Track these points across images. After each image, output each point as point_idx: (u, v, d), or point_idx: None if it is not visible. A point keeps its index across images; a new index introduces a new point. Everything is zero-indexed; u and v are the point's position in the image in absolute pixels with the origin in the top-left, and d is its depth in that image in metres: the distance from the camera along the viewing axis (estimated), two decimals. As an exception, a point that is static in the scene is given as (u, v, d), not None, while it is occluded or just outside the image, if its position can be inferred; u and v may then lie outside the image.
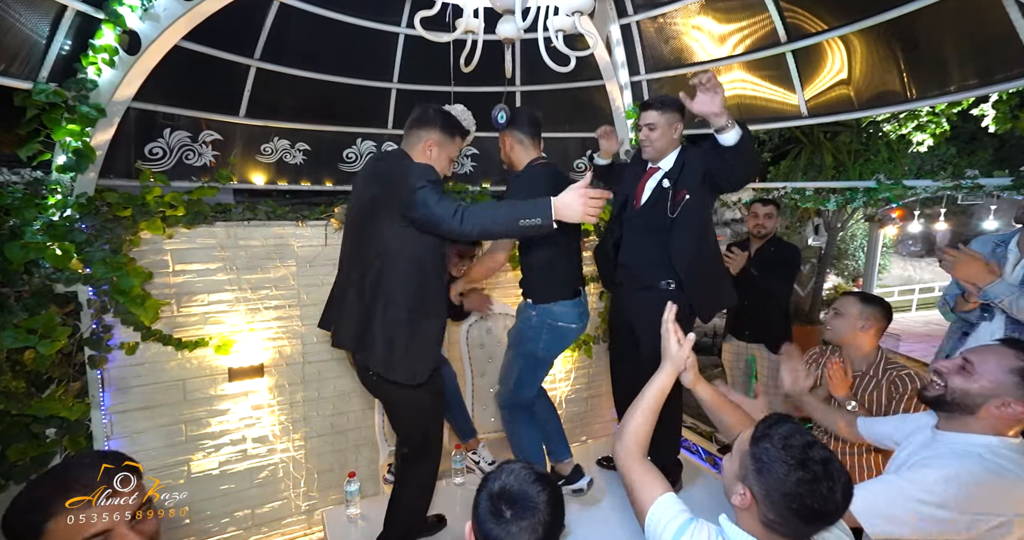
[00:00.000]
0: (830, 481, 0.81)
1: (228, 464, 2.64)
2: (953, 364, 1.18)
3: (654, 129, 1.99)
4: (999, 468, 1.08)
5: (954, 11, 2.11)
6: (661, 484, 1.02)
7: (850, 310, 1.81)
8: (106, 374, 2.31)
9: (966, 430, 1.15)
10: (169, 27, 2.09)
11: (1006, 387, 1.10)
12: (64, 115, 1.99)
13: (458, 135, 1.70)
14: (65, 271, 2.05)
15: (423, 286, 1.60)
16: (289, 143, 2.97)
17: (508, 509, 0.89)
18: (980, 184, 2.37)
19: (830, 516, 0.83)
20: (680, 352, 1.21)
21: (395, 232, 1.53)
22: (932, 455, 1.15)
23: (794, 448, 0.84)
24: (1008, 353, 1.13)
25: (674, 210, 1.96)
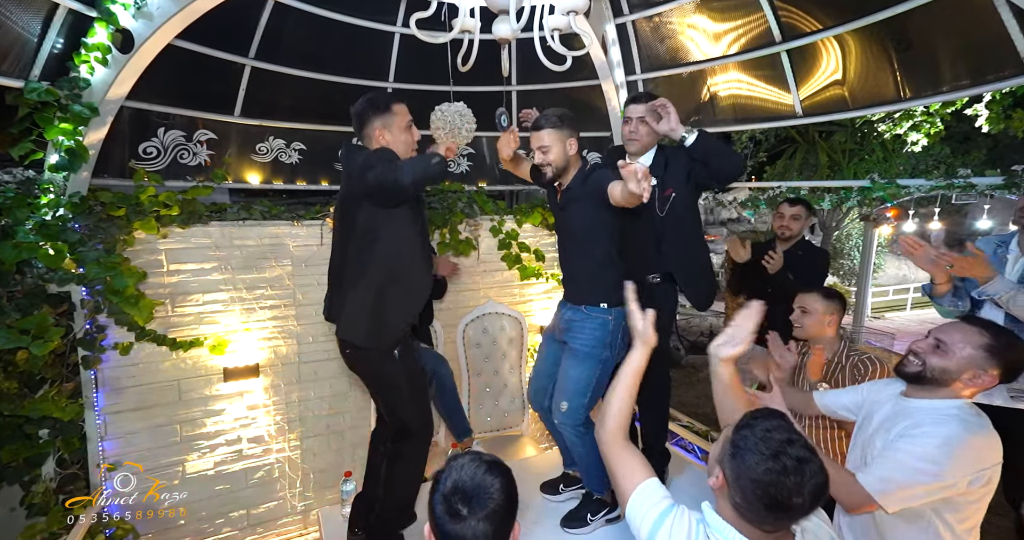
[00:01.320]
0: (798, 477, 0.83)
1: (223, 464, 2.63)
2: (927, 344, 1.30)
3: (645, 123, 2.01)
4: (975, 426, 1.23)
5: (947, 11, 2.13)
6: (644, 470, 1.03)
7: (816, 307, 1.91)
8: (100, 374, 2.30)
9: (935, 396, 1.29)
10: (162, 26, 2.08)
11: (976, 361, 1.24)
12: (57, 114, 1.98)
13: (392, 104, 1.71)
14: (58, 271, 2.04)
15: (399, 260, 1.69)
16: (285, 143, 2.96)
17: (464, 506, 0.88)
18: (972, 183, 2.39)
19: (793, 510, 0.85)
20: (646, 328, 1.22)
21: (368, 216, 1.65)
22: (916, 423, 1.26)
23: (772, 441, 0.87)
24: (972, 330, 1.26)
25: (663, 208, 1.98)
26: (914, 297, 11.91)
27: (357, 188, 1.62)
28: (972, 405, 1.30)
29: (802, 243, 2.80)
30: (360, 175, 1.57)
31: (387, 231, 1.66)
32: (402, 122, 1.72)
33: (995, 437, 1.25)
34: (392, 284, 1.69)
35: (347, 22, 2.85)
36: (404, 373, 1.79)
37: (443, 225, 3.01)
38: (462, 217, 3.06)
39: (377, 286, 1.67)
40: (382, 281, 1.68)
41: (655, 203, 1.99)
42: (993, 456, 1.23)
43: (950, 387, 1.27)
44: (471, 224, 3.12)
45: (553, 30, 1.55)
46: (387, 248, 1.67)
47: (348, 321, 1.70)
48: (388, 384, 1.80)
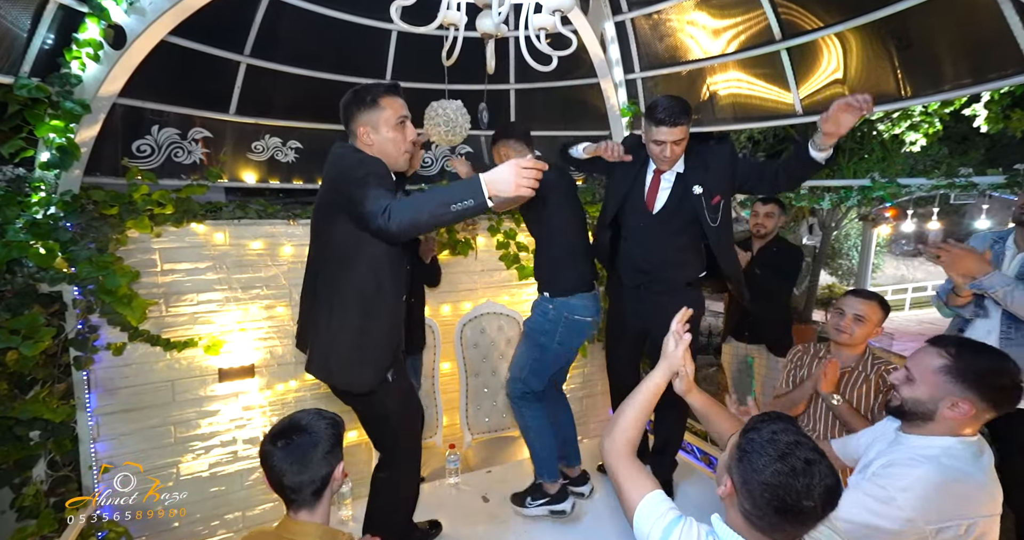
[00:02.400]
0: (808, 479, 0.81)
1: (218, 466, 2.61)
2: (901, 375, 1.21)
3: (680, 143, 1.82)
4: (956, 472, 1.08)
5: (948, 8, 2.11)
6: (650, 482, 1.02)
7: (874, 318, 1.75)
8: (92, 375, 2.27)
9: (928, 433, 1.16)
10: (155, 21, 2.05)
11: (943, 387, 1.11)
12: (47, 111, 1.94)
13: (381, 97, 1.52)
14: (49, 270, 2.01)
15: (376, 289, 1.50)
16: (281, 141, 2.94)
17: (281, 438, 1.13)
18: (974, 183, 2.38)
19: (804, 515, 0.83)
20: (676, 352, 1.21)
21: (342, 230, 1.45)
22: (891, 462, 1.15)
23: (779, 443, 0.85)
24: (932, 352, 1.14)
25: (715, 218, 1.87)
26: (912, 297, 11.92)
27: (341, 198, 1.42)
28: (971, 446, 1.14)
29: (776, 240, 2.88)
30: (345, 186, 1.38)
31: (366, 252, 1.46)
32: (392, 118, 1.52)
33: (986, 487, 1.11)
34: (369, 316, 1.50)
35: (343, 19, 2.82)
36: (396, 398, 1.65)
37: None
38: (460, 216, 3.04)
39: (353, 320, 1.49)
40: (358, 313, 1.49)
41: (705, 215, 1.87)
42: (977, 506, 1.08)
43: (937, 420, 1.14)
44: (468, 224, 3.10)
45: (539, 29, 1.52)
46: (364, 272, 1.47)
47: (323, 362, 1.53)
48: (374, 415, 1.67)
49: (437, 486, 2.53)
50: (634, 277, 2.11)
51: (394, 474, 1.74)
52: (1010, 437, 1.87)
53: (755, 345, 2.93)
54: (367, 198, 1.30)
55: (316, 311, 1.54)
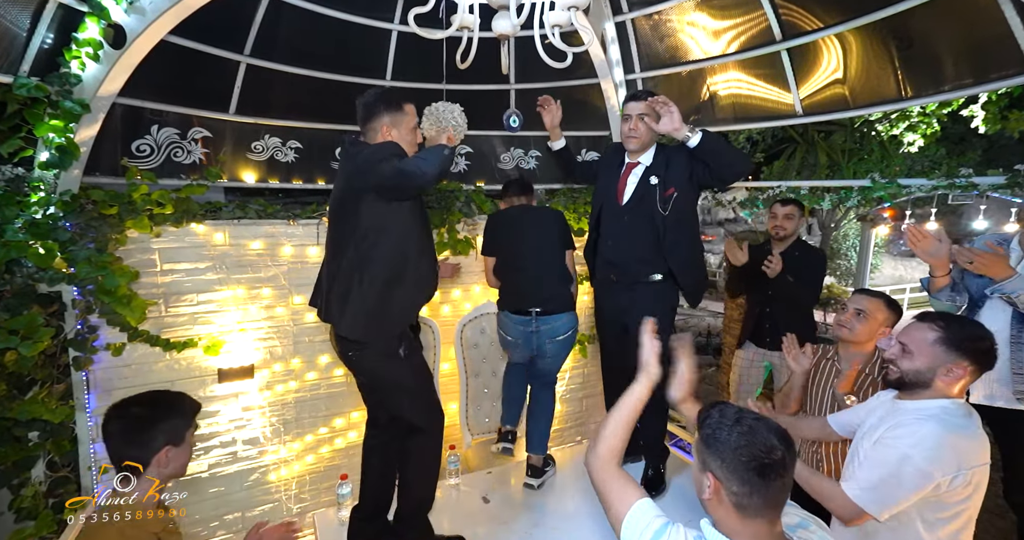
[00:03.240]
0: (765, 429, 0.92)
1: (217, 467, 2.60)
2: (896, 350, 1.35)
3: (644, 121, 1.99)
4: (956, 427, 1.22)
5: (949, 9, 2.11)
6: (636, 491, 1.04)
7: (877, 315, 1.77)
8: (91, 376, 2.26)
9: (923, 397, 1.30)
10: (155, 21, 2.04)
11: (940, 356, 1.26)
12: (47, 110, 1.94)
13: (404, 104, 1.72)
14: (48, 270, 2.00)
15: (403, 254, 1.66)
16: (280, 141, 2.93)
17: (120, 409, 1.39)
18: (974, 183, 2.38)
19: (780, 464, 0.90)
20: (650, 360, 1.26)
21: (370, 212, 1.62)
22: (896, 425, 1.27)
23: (728, 414, 0.96)
24: (924, 326, 1.30)
25: (665, 207, 1.97)
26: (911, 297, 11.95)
27: (364, 181, 1.59)
28: (962, 406, 1.29)
29: (798, 243, 2.78)
30: (371, 168, 1.55)
31: (391, 226, 1.64)
32: (411, 123, 1.73)
33: (980, 439, 1.25)
34: (397, 280, 1.66)
35: (344, 19, 2.82)
36: (409, 369, 1.76)
37: (441, 224, 2.98)
38: (460, 216, 3.03)
39: (383, 282, 1.64)
40: (388, 278, 1.65)
41: (657, 203, 1.98)
42: (976, 457, 1.22)
43: (933, 387, 1.28)
44: (469, 223, 3.09)
45: (554, 26, 1.52)
46: (391, 243, 1.64)
47: (350, 319, 1.66)
48: (393, 383, 1.77)
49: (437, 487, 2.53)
50: (605, 270, 2.18)
51: (422, 439, 1.82)
52: (1012, 437, 1.88)
53: (777, 352, 2.72)
54: (400, 166, 1.53)
55: (347, 282, 1.67)
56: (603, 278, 2.23)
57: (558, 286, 2.38)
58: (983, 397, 1.84)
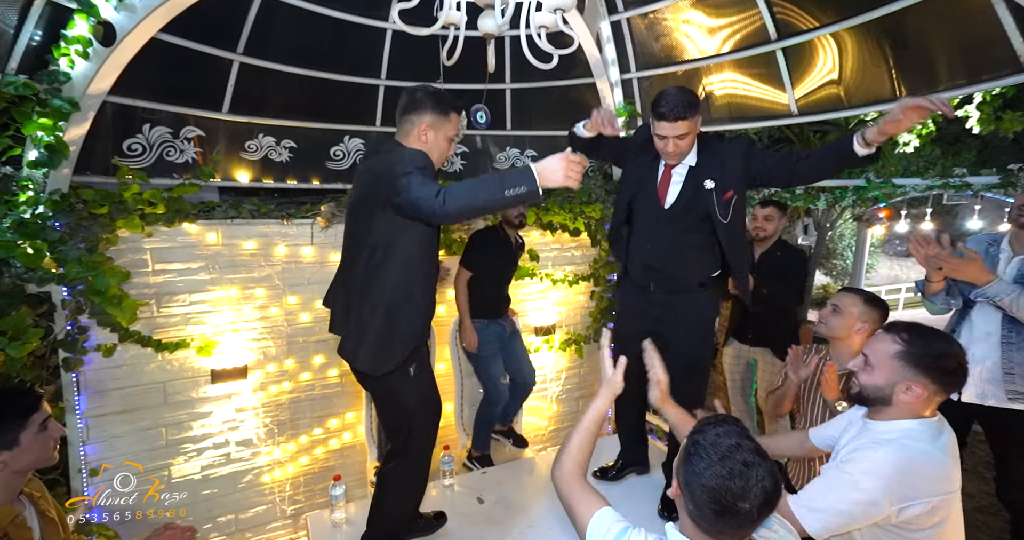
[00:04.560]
0: (743, 481, 0.83)
1: (211, 468, 2.58)
2: (859, 362, 1.25)
3: (685, 138, 1.73)
4: (916, 453, 1.12)
5: (943, 9, 2.11)
6: (599, 500, 1.06)
7: (851, 309, 1.75)
8: (82, 377, 2.24)
9: (889, 417, 1.20)
10: (146, 18, 2.02)
11: (899, 372, 1.15)
12: (35, 108, 1.91)
13: (452, 111, 1.62)
14: (37, 271, 1.98)
15: (407, 280, 1.58)
16: (274, 140, 2.91)
17: None
18: (968, 183, 2.39)
19: (741, 516, 0.84)
20: (615, 377, 1.24)
21: (383, 224, 1.53)
22: (855, 448, 1.20)
23: (720, 446, 0.88)
24: (887, 338, 1.19)
25: (726, 214, 1.78)
26: (906, 297, 12.01)
27: (382, 190, 1.48)
28: (931, 426, 1.18)
29: (779, 244, 2.79)
30: (392, 179, 1.43)
31: (402, 242, 1.54)
32: (451, 132, 1.64)
33: (944, 465, 1.14)
34: (401, 303, 1.58)
35: (338, 18, 2.80)
36: (417, 391, 1.69)
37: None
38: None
39: (385, 305, 1.56)
40: (390, 299, 1.56)
41: (716, 210, 1.78)
42: (938, 484, 1.12)
43: (893, 405, 1.18)
44: (464, 224, 3.08)
45: (540, 27, 1.51)
46: (399, 261, 1.56)
47: (353, 346, 1.60)
48: (397, 402, 1.70)
49: (431, 487, 2.51)
50: (643, 276, 1.99)
51: (402, 465, 1.75)
52: (1003, 436, 1.88)
53: (759, 348, 2.82)
54: (417, 185, 1.38)
55: (351, 299, 1.61)
56: (638, 284, 2.02)
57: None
58: (975, 396, 1.84)
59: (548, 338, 3.44)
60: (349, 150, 3.11)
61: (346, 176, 3.10)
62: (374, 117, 3.15)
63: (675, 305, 1.92)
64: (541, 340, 3.40)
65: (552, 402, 3.52)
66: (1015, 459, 1.86)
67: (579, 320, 3.56)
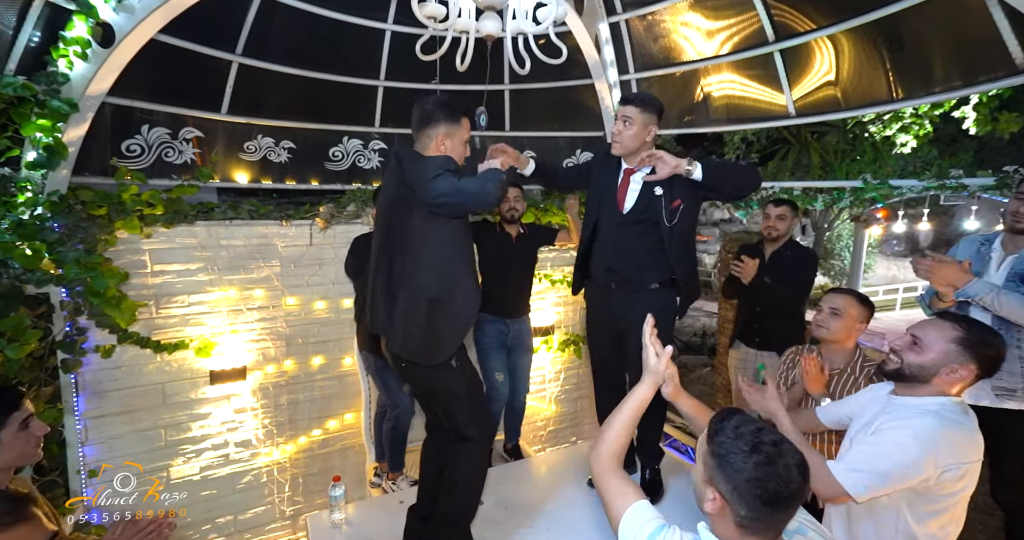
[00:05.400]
0: (784, 459, 0.85)
1: (209, 469, 2.58)
2: (904, 341, 1.33)
3: (629, 125, 1.94)
4: (954, 423, 1.23)
5: (939, 11, 2.13)
6: (635, 493, 1.04)
7: (850, 311, 1.78)
8: (80, 378, 2.24)
9: (921, 394, 1.31)
10: (145, 19, 2.02)
11: (951, 355, 1.26)
12: (34, 109, 1.91)
13: (463, 117, 1.73)
14: (36, 272, 1.97)
15: (447, 276, 1.66)
16: (273, 141, 2.91)
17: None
18: (964, 184, 2.40)
19: (794, 497, 0.86)
20: (658, 364, 1.22)
21: (417, 225, 1.62)
22: (893, 418, 1.28)
23: (745, 435, 0.88)
24: (945, 325, 1.29)
25: (671, 219, 1.94)
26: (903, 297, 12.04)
27: (414, 195, 1.58)
28: (960, 404, 1.30)
29: (790, 244, 2.76)
30: (425, 183, 1.53)
31: (438, 239, 1.63)
32: (464, 135, 1.75)
33: (976, 436, 1.26)
34: (444, 296, 1.66)
35: (337, 19, 2.80)
36: (461, 379, 1.77)
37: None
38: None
39: (429, 299, 1.64)
40: (434, 294, 1.64)
41: (663, 214, 1.94)
42: (970, 452, 1.23)
43: (931, 383, 1.28)
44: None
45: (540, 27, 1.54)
46: (437, 257, 1.64)
47: (404, 339, 1.67)
48: (445, 393, 1.78)
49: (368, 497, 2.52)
50: (604, 276, 2.14)
51: (470, 446, 1.81)
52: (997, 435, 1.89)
53: (766, 352, 2.76)
54: (455, 181, 1.53)
55: (393, 296, 1.67)
56: (601, 284, 2.18)
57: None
58: (969, 397, 1.85)
59: (547, 339, 3.44)
60: (348, 151, 3.11)
61: (345, 177, 3.10)
62: (373, 118, 3.15)
63: (634, 304, 2.03)
64: (540, 341, 3.41)
65: (551, 403, 3.53)
66: (1009, 459, 1.87)
67: (578, 321, 3.57)
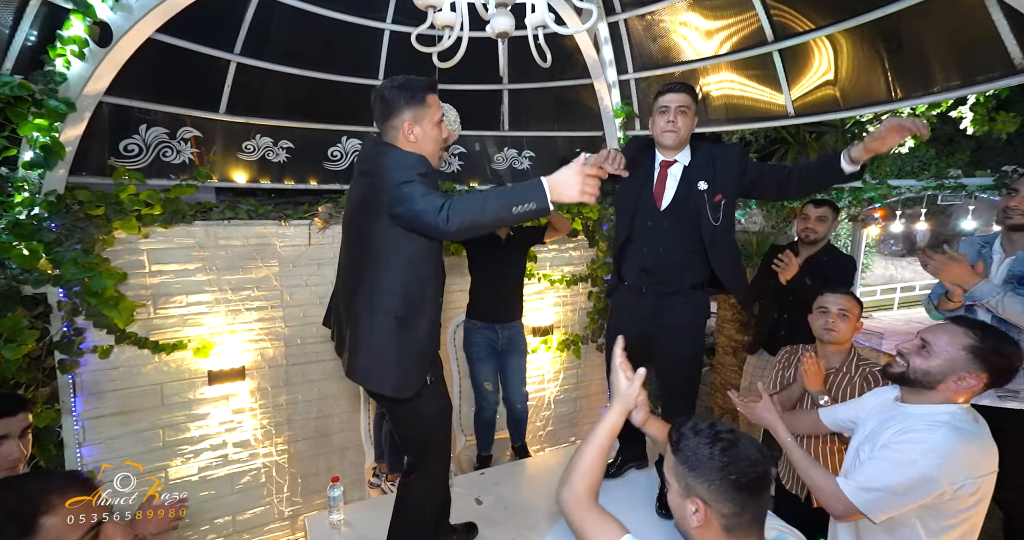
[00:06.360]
0: (742, 441, 0.91)
1: (208, 470, 2.57)
2: (913, 345, 1.28)
3: (686, 113, 1.80)
4: (968, 434, 1.18)
5: (938, 11, 2.13)
6: (618, 527, 0.97)
7: (854, 311, 1.79)
8: (78, 379, 2.23)
9: (927, 401, 1.25)
10: (142, 18, 2.01)
11: (960, 362, 1.20)
12: (31, 109, 1.90)
13: (427, 94, 1.49)
14: (33, 272, 1.97)
15: (414, 290, 1.47)
16: (272, 141, 2.90)
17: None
18: (963, 184, 2.41)
19: (762, 478, 0.89)
20: (630, 389, 1.16)
21: (382, 231, 1.42)
22: (904, 430, 1.23)
23: (703, 430, 0.93)
24: (958, 331, 1.23)
25: (716, 217, 1.80)
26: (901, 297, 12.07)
27: (380, 199, 1.38)
28: (969, 411, 1.25)
29: (828, 248, 2.55)
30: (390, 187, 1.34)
31: (406, 252, 1.43)
32: (435, 116, 1.51)
33: (990, 446, 1.22)
34: (410, 316, 1.47)
35: (336, 18, 2.79)
36: (435, 404, 1.61)
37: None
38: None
39: (394, 322, 1.45)
40: (399, 314, 1.45)
41: (707, 212, 1.81)
42: (986, 464, 1.19)
43: (936, 390, 1.23)
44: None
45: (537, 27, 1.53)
46: (405, 272, 1.44)
47: (370, 369, 1.48)
48: (417, 419, 1.60)
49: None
50: (638, 278, 1.99)
51: (421, 477, 1.67)
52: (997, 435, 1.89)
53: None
54: (418, 197, 1.29)
55: (355, 313, 1.48)
56: (632, 288, 2.03)
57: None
58: None
59: (546, 339, 3.44)
60: (347, 150, 3.10)
61: (343, 177, 3.09)
62: (371, 118, 3.13)
63: (667, 307, 1.93)
64: (539, 341, 3.40)
65: (550, 403, 3.53)
66: (1009, 459, 1.88)
67: (577, 321, 3.56)
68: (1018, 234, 1.79)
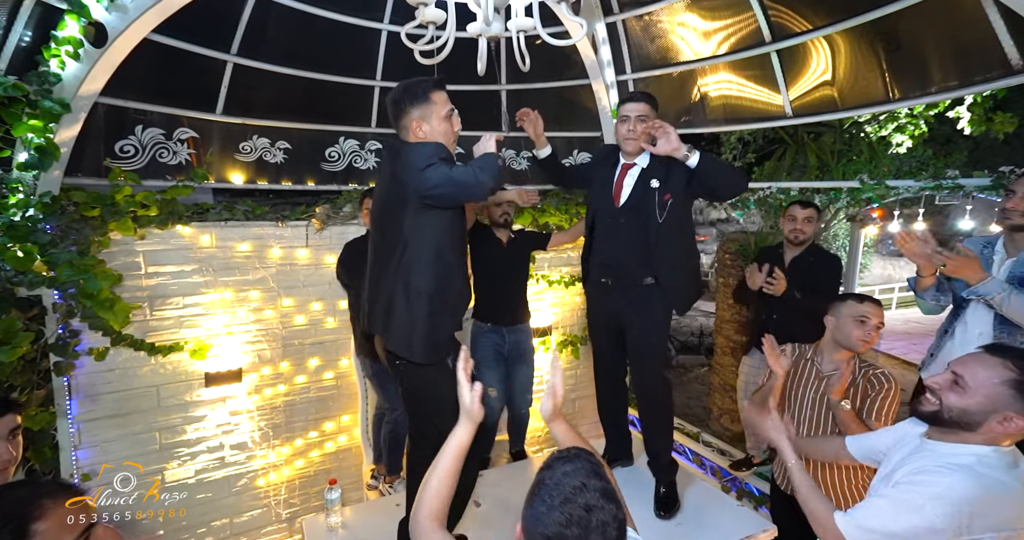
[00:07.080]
0: (580, 529, 0.77)
1: (205, 472, 2.56)
2: (944, 380, 1.11)
3: (645, 121, 1.95)
4: (991, 482, 1.02)
5: (935, 12, 2.13)
6: None
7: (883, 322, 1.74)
8: (73, 381, 2.22)
9: (961, 441, 1.09)
10: (138, 19, 2.00)
11: (1003, 401, 1.03)
12: (25, 110, 1.89)
13: (432, 92, 1.64)
14: (28, 274, 1.95)
15: (442, 271, 1.64)
16: (269, 141, 2.89)
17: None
18: (960, 184, 2.40)
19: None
20: (472, 404, 1.13)
21: (411, 220, 1.58)
22: (918, 470, 1.10)
23: (564, 487, 0.80)
24: (996, 363, 1.06)
25: (661, 214, 1.94)
26: (899, 296, 12.10)
27: (406, 189, 1.54)
28: (1006, 454, 1.06)
29: (813, 248, 2.59)
30: (415, 175, 1.49)
31: (432, 235, 1.60)
32: (441, 111, 1.65)
33: (1020, 497, 1.02)
34: (441, 296, 1.64)
35: (334, 19, 2.79)
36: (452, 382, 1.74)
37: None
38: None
39: (425, 296, 1.61)
40: (432, 293, 1.62)
41: (654, 208, 1.95)
42: (1010, 518, 1.00)
43: (977, 432, 1.06)
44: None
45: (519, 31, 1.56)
46: (433, 253, 1.61)
47: (400, 337, 1.64)
48: (431, 395, 1.72)
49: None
50: (599, 273, 2.14)
51: (417, 453, 1.77)
52: None
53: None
54: (447, 170, 1.49)
55: (392, 294, 1.65)
56: (597, 281, 2.18)
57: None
58: None
59: (545, 339, 3.43)
60: (344, 151, 3.09)
61: (341, 178, 3.08)
62: (369, 118, 3.13)
63: (630, 300, 2.05)
64: (538, 341, 3.40)
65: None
66: None
67: (575, 321, 3.56)
68: (1020, 235, 1.80)
